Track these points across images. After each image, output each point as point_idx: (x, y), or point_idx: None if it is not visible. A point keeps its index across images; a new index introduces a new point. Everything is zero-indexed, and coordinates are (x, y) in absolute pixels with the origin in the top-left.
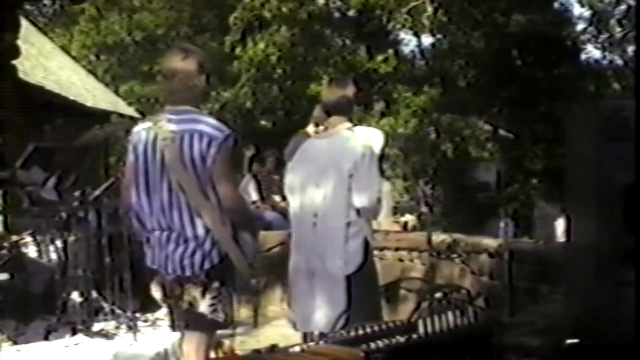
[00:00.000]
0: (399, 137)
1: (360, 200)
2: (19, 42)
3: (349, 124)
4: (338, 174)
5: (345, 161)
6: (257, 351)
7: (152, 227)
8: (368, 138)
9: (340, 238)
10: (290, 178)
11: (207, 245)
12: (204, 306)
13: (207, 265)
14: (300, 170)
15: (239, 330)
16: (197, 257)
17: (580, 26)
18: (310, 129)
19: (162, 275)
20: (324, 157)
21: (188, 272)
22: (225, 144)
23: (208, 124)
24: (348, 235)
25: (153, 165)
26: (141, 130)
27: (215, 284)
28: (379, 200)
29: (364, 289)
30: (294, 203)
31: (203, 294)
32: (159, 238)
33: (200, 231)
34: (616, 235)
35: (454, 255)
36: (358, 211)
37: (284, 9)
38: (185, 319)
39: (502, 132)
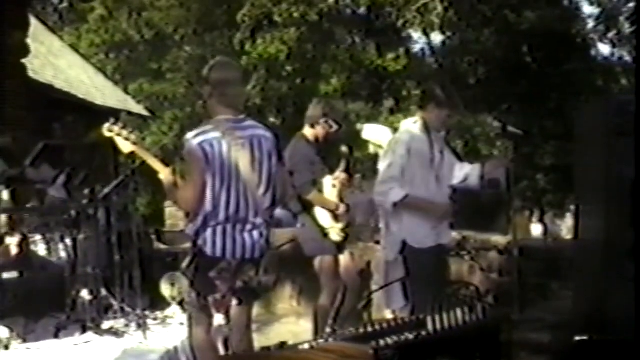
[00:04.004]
0: None
1: None
2: (29, 40)
3: None
4: None
5: None
6: (267, 348)
7: (223, 220)
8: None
9: None
10: None
11: (265, 230)
12: (256, 281)
13: (266, 247)
14: None
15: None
16: (263, 240)
17: (589, 23)
18: (307, 130)
19: (227, 261)
20: None
21: (257, 254)
22: (277, 143)
23: (263, 128)
24: None
25: (229, 168)
26: (207, 140)
27: (265, 262)
28: None
29: None
30: None
31: (257, 272)
32: (229, 228)
33: (260, 219)
34: (625, 230)
35: (464, 253)
36: None
37: (295, 14)
38: (241, 296)
39: (510, 128)
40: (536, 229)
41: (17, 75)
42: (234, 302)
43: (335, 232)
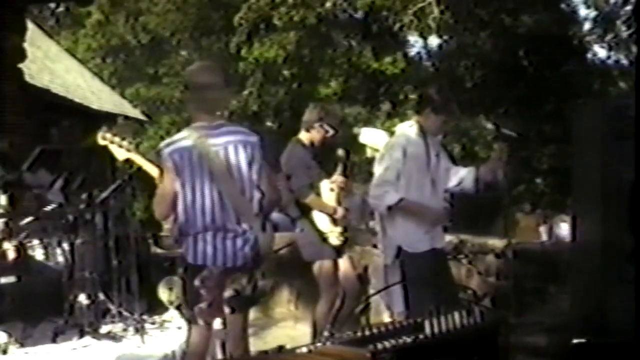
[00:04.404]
0: None
1: None
2: (25, 45)
3: None
4: None
5: None
6: (264, 352)
7: (201, 228)
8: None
9: None
10: None
11: (252, 238)
12: (249, 289)
13: (253, 255)
14: None
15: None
16: (247, 249)
17: (586, 26)
18: (303, 134)
19: (209, 270)
20: None
21: (240, 262)
22: (262, 145)
23: (243, 133)
24: None
25: (200, 177)
26: (179, 149)
27: (258, 270)
28: None
29: None
30: None
31: (250, 280)
32: (209, 237)
33: (245, 226)
34: (623, 233)
35: (461, 256)
36: None
37: (293, 18)
38: (233, 305)
39: (505, 130)
40: (545, 233)
41: (13, 80)
42: (227, 310)
43: (334, 236)
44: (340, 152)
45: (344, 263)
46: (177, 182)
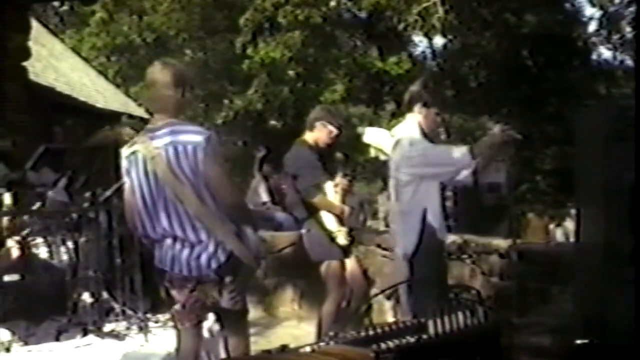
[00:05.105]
0: None
1: None
2: (30, 43)
3: None
4: None
5: None
6: (268, 351)
7: (158, 236)
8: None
9: None
10: None
11: (211, 247)
12: (224, 302)
13: (214, 265)
14: None
15: (249, 330)
16: (203, 259)
17: (591, 27)
18: (308, 135)
19: (169, 274)
20: None
21: (195, 273)
22: (209, 146)
23: (188, 132)
24: None
25: (148, 183)
26: (130, 154)
27: (228, 279)
28: None
29: None
30: None
31: (220, 292)
32: (166, 244)
33: (203, 235)
34: (625, 234)
35: (465, 256)
36: None
37: (300, 17)
38: (209, 315)
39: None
40: (558, 233)
41: (18, 78)
42: (211, 317)
43: (341, 235)
44: (339, 155)
45: (350, 263)
46: (129, 188)
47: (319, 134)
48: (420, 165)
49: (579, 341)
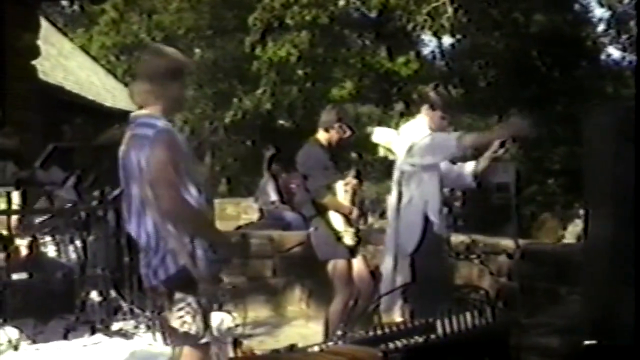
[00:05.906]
0: None
1: None
2: (39, 42)
3: None
4: None
5: None
6: (276, 351)
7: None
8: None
9: None
10: None
11: (160, 255)
12: (173, 319)
13: (161, 276)
14: None
15: (258, 330)
16: (152, 267)
17: (599, 27)
18: (321, 134)
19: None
20: None
21: (146, 283)
22: (157, 140)
23: (144, 125)
24: None
25: (124, 179)
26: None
27: (178, 295)
28: None
29: None
30: None
31: (170, 307)
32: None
33: (152, 242)
34: (633, 235)
35: (473, 256)
36: None
37: (307, 17)
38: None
39: None
40: (572, 233)
41: (27, 77)
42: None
43: (349, 235)
44: (354, 155)
45: (358, 262)
46: None
47: (334, 135)
48: (420, 153)
49: (587, 342)
